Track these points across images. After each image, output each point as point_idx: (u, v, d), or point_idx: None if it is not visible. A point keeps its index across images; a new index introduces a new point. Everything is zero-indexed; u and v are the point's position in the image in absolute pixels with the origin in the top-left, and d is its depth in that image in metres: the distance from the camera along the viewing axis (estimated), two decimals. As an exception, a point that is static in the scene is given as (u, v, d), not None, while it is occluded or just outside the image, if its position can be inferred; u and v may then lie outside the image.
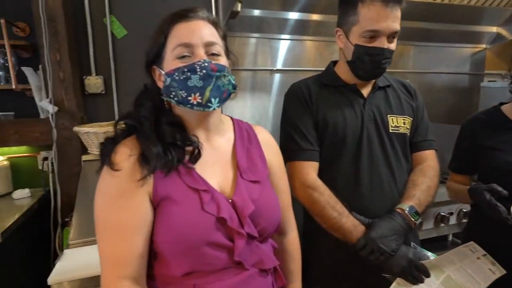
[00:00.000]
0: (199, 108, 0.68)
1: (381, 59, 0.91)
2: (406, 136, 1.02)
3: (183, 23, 0.68)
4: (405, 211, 0.89)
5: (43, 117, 1.69)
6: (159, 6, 1.90)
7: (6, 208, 1.52)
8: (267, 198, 0.75)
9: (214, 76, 0.67)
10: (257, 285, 0.72)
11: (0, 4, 1.62)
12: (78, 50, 1.80)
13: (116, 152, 0.67)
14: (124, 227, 0.64)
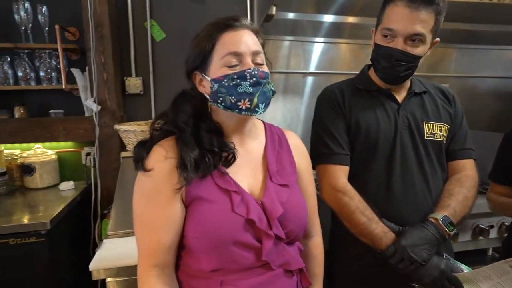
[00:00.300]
0: (247, 112, 0.70)
1: (394, 60, 0.89)
2: (442, 144, 0.98)
3: (231, 32, 0.70)
4: (439, 221, 0.86)
5: (88, 115, 1.81)
6: (197, 10, 1.97)
7: (53, 198, 1.65)
8: (295, 201, 0.76)
9: (262, 83, 0.70)
10: (283, 284, 0.73)
11: (55, 11, 1.75)
12: (120, 53, 1.91)
13: (152, 152, 0.71)
14: (155, 222, 0.69)
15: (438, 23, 0.89)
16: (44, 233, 1.31)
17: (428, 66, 2.34)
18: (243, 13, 2.03)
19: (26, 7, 1.67)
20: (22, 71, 1.73)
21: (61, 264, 1.43)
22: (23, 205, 1.56)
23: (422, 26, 0.86)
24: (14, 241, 1.27)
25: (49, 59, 1.76)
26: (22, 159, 1.78)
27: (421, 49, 0.89)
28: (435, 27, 0.89)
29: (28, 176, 1.76)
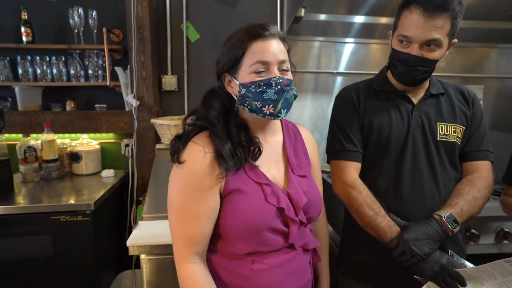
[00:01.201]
0: (271, 117, 0.77)
1: (410, 65, 0.91)
2: (455, 145, 0.99)
3: (260, 41, 0.75)
4: (443, 218, 0.88)
5: (127, 110, 1.98)
6: (230, 13, 2.07)
7: (96, 183, 1.83)
8: (313, 191, 0.86)
9: (285, 90, 0.76)
10: (301, 261, 0.84)
11: (103, 15, 1.94)
12: (158, 52, 2.06)
13: (191, 149, 0.77)
14: (199, 213, 0.76)
15: (454, 26, 0.90)
16: (89, 213, 1.48)
17: (465, 66, 2.27)
18: (273, 15, 2.10)
19: (79, 12, 1.86)
20: (74, 69, 1.93)
21: (102, 241, 1.61)
22: (71, 188, 1.75)
23: (438, 32, 0.87)
24: (64, 218, 1.45)
25: (96, 59, 1.95)
26: (71, 147, 1.98)
27: (437, 53, 0.91)
28: (452, 31, 0.90)
29: (76, 163, 1.96)
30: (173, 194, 0.78)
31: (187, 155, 0.77)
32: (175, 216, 0.78)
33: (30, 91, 1.95)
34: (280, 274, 0.79)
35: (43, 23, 1.94)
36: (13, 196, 1.58)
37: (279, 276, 0.79)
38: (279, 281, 0.79)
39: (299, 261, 0.84)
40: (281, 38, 0.79)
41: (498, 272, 0.83)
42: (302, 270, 0.85)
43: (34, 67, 1.93)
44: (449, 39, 0.91)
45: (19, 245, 1.46)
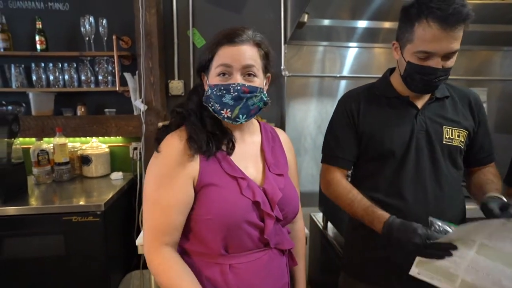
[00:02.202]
0: (229, 121, 0.81)
1: (433, 78, 0.91)
2: (459, 149, 1.01)
3: (228, 46, 0.78)
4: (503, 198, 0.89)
5: (136, 114, 2.03)
6: (234, 19, 2.12)
7: (106, 186, 1.89)
8: (289, 188, 0.88)
9: (244, 98, 0.78)
10: (277, 264, 0.85)
11: (112, 23, 2.01)
12: (165, 58, 2.12)
13: (166, 139, 0.80)
14: (170, 202, 0.75)
15: (463, 31, 0.88)
16: (99, 213, 1.54)
17: (469, 69, 2.28)
18: (277, 21, 2.15)
19: (90, 21, 1.94)
20: (84, 75, 2.01)
21: (112, 241, 1.66)
22: (81, 190, 1.81)
23: (457, 42, 0.87)
24: (76, 218, 1.51)
25: (106, 65, 2.02)
26: (81, 151, 2.05)
27: (453, 60, 0.91)
28: (461, 37, 0.88)
29: (86, 166, 2.03)
30: (146, 183, 0.79)
31: (164, 145, 0.79)
32: (147, 206, 0.78)
33: (43, 97, 2.02)
34: (257, 278, 0.80)
35: (56, 32, 2.02)
36: (27, 198, 1.65)
37: (255, 280, 0.80)
38: (256, 285, 0.80)
39: (276, 263, 0.85)
40: (255, 43, 0.80)
41: (486, 227, 0.78)
42: (278, 273, 0.86)
43: (47, 73, 2.01)
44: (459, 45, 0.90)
45: (33, 244, 1.52)
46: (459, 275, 0.81)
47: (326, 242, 1.79)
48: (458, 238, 0.80)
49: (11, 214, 1.49)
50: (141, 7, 1.88)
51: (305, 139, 2.30)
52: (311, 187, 2.22)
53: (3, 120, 1.56)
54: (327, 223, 1.87)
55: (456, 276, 0.81)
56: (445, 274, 0.82)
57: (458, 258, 0.80)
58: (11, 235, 1.51)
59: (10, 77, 2.00)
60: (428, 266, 0.83)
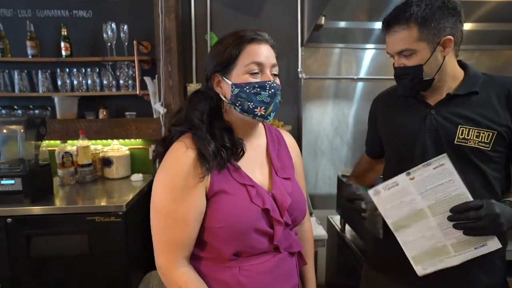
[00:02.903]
0: (261, 119, 0.79)
1: (396, 76, 1.00)
2: (477, 150, 0.92)
3: (255, 44, 0.78)
4: None
5: (155, 117, 2.08)
6: (252, 23, 2.15)
7: (126, 187, 1.94)
8: (297, 192, 0.87)
9: (277, 95, 0.80)
10: (287, 266, 0.85)
11: (133, 28, 2.07)
12: (184, 62, 2.16)
13: (173, 149, 0.77)
14: (187, 216, 0.74)
15: (428, 28, 0.89)
16: (121, 214, 1.58)
17: (490, 69, 2.22)
18: (294, 23, 2.16)
19: (112, 27, 2.01)
20: (106, 80, 2.07)
21: (133, 241, 1.70)
22: (103, 191, 1.87)
23: (403, 43, 0.93)
24: (99, 219, 1.56)
25: (127, 69, 2.07)
26: (103, 153, 2.11)
27: (417, 59, 0.93)
28: (424, 35, 0.90)
29: (107, 168, 2.09)
30: (158, 197, 0.76)
31: (171, 156, 0.77)
32: (160, 220, 0.76)
33: (68, 101, 2.10)
34: (267, 280, 0.80)
35: (80, 38, 2.10)
36: (53, 198, 1.71)
37: (266, 281, 0.79)
38: (266, 285, 0.79)
39: (286, 265, 0.84)
40: (271, 45, 0.82)
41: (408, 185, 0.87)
42: (288, 274, 0.85)
43: (72, 78, 2.08)
44: (429, 41, 0.90)
45: (59, 243, 1.58)
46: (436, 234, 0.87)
47: (344, 245, 1.78)
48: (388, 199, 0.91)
49: (38, 213, 1.56)
50: (161, 12, 1.93)
51: (322, 141, 2.29)
52: (329, 189, 2.21)
53: (31, 124, 1.64)
54: (345, 226, 1.85)
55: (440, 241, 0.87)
56: (437, 251, 0.88)
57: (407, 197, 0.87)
58: (38, 234, 1.57)
59: (37, 82, 2.09)
60: (423, 257, 0.89)
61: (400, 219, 0.89)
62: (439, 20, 0.90)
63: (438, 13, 0.90)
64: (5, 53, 2.02)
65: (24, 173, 1.57)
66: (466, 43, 2.09)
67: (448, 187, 0.84)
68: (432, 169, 0.84)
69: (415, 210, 0.87)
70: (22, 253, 1.56)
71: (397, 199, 0.88)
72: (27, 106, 2.13)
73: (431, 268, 0.88)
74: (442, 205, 0.85)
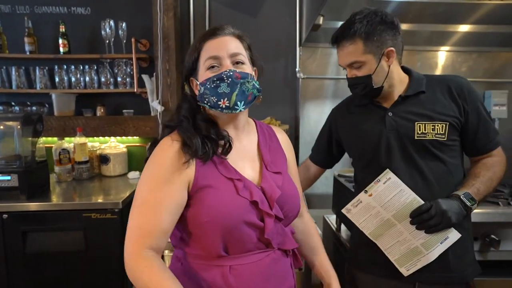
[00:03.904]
0: (228, 110, 0.79)
1: (349, 86, 1.09)
2: (435, 142, 1.01)
3: (212, 40, 0.79)
4: (460, 196, 0.96)
5: (153, 115, 2.08)
6: (251, 22, 2.15)
7: (123, 184, 1.94)
8: (288, 186, 0.87)
9: (238, 83, 0.78)
10: (281, 266, 0.84)
11: (131, 26, 2.07)
12: (182, 60, 2.16)
13: (161, 144, 0.78)
14: (160, 204, 0.72)
15: (371, 42, 0.99)
16: (117, 211, 1.58)
17: (488, 71, 2.23)
18: (292, 23, 2.16)
19: (110, 24, 2.00)
20: (104, 77, 2.07)
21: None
22: (100, 188, 1.87)
23: (350, 56, 1.02)
24: (95, 215, 1.56)
25: (125, 67, 2.08)
26: (100, 150, 2.11)
27: (366, 69, 1.02)
28: (369, 48, 1.00)
29: (104, 165, 2.09)
30: (139, 186, 0.76)
31: (157, 149, 0.78)
32: (134, 207, 0.74)
33: (65, 98, 2.10)
34: (258, 281, 0.78)
35: (78, 35, 2.10)
36: (50, 194, 1.72)
37: (257, 282, 0.78)
38: (257, 287, 0.78)
39: (280, 265, 0.83)
40: (236, 36, 0.82)
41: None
42: (283, 275, 0.84)
43: (69, 75, 2.08)
44: (375, 53, 1.00)
45: (55, 239, 1.58)
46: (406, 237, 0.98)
47: (339, 244, 1.78)
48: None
49: (35, 209, 1.56)
50: (159, 10, 1.93)
51: (319, 141, 2.30)
52: (325, 189, 2.22)
53: (28, 120, 1.64)
54: (341, 225, 1.86)
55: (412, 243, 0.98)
56: (412, 252, 0.98)
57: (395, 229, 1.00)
58: (34, 230, 1.57)
59: (34, 78, 2.09)
60: (403, 259, 0.99)
61: (374, 230, 1.02)
62: (380, 34, 1.00)
63: (379, 28, 1.00)
64: (3, 49, 2.02)
65: (20, 169, 1.58)
66: (464, 45, 2.15)
67: (400, 196, 0.97)
68: (382, 184, 0.98)
69: (383, 221, 1.00)
70: (18, 249, 1.56)
71: (365, 213, 1.02)
72: (24, 102, 2.13)
73: (413, 269, 0.99)
74: (402, 212, 0.97)
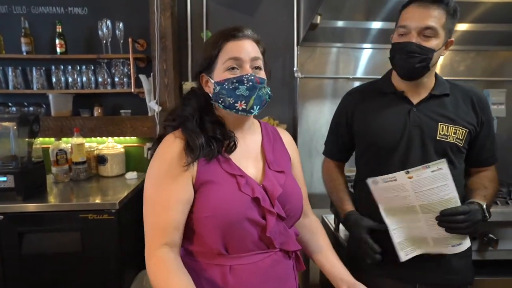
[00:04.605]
0: (243, 113, 0.80)
1: (406, 52, 0.95)
2: (454, 146, 1.01)
3: (234, 41, 0.80)
4: (483, 206, 0.96)
5: (150, 115, 2.07)
6: (248, 21, 2.14)
7: (120, 185, 1.93)
8: (291, 184, 0.87)
9: (258, 88, 0.79)
10: (283, 268, 0.84)
11: (128, 26, 2.06)
12: (179, 60, 2.16)
13: (164, 142, 0.80)
14: (169, 202, 0.75)
15: (450, 23, 0.95)
16: (114, 211, 1.58)
17: (487, 70, 2.23)
18: (290, 23, 2.15)
19: (107, 24, 2.00)
20: (101, 77, 2.06)
21: (126, 238, 1.70)
22: (97, 189, 1.86)
23: (433, 21, 0.93)
24: (92, 216, 1.55)
25: (122, 67, 2.07)
26: (97, 151, 2.10)
27: (434, 43, 0.94)
28: (447, 26, 0.94)
29: (102, 166, 2.08)
30: (145, 185, 0.79)
31: (160, 146, 0.80)
32: (145, 207, 0.78)
33: (62, 98, 2.09)
34: (258, 282, 0.78)
35: (75, 35, 2.09)
36: (46, 195, 1.71)
37: (256, 283, 0.78)
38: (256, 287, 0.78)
39: (282, 267, 0.83)
40: (254, 40, 0.83)
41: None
42: (284, 277, 0.84)
43: (66, 75, 2.07)
44: (446, 33, 0.95)
45: (51, 240, 1.57)
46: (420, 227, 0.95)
47: (338, 244, 1.78)
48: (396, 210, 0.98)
49: (31, 211, 1.55)
50: (156, 10, 1.92)
51: (317, 141, 2.29)
52: (323, 189, 2.21)
53: (24, 121, 1.63)
54: (339, 225, 1.85)
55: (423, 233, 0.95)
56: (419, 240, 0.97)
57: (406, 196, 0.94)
58: (31, 231, 1.56)
59: (31, 79, 2.08)
60: (406, 244, 0.98)
61: (391, 208, 0.98)
62: (455, 20, 0.96)
63: (457, 14, 0.96)
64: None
65: (16, 170, 1.57)
66: (461, 44, 2.14)
67: (442, 190, 0.90)
68: (430, 172, 0.90)
69: (406, 206, 0.95)
70: (14, 250, 1.55)
71: (392, 192, 0.95)
72: (21, 103, 2.12)
73: (411, 254, 0.98)
74: (433, 206, 0.92)
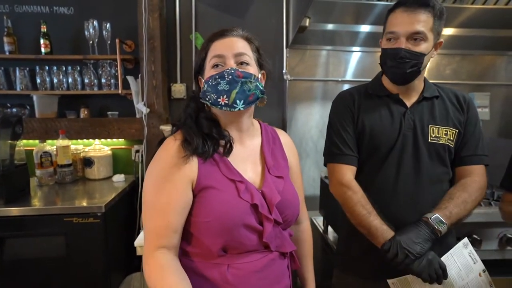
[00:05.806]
0: (226, 108, 0.79)
1: (398, 58, 0.95)
2: (446, 147, 1.02)
3: (219, 40, 0.81)
4: (429, 219, 0.92)
5: (138, 117, 2.05)
6: (237, 24, 2.08)
7: (107, 187, 1.90)
8: (289, 191, 0.87)
9: (239, 82, 0.78)
10: (278, 267, 0.85)
11: (116, 27, 2.03)
12: (168, 62, 2.14)
13: (163, 144, 0.81)
14: (167, 207, 0.75)
15: (437, 25, 0.96)
16: (99, 215, 1.55)
17: (472, 74, 2.27)
18: (279, 25, 2.16)
19: (94, 24, 1.97)
20: (88, 78, 2.03)
21: (112, 242, 1.67)
22: (83, 192, 1.83)
23: (421, 25, 0.93)
24: (77, 220, 1.52)
25: (109, 68, 2.04)
26: (84, 153, 2.06)
27: (423, 47, 0.95)
28: (435, 28, 0.96)
29: (88, 168, 2.04)
30: (144, 188, 0.79)
31: (160, 149, 0.80)
32: (144, 210, 0.78)
33: (47, 99, 2.04)
34: (255, 280, 0.79)
35: (60, 35, 2.05)
36: (30, 199, 1.66)
37: (254, 280, 0.79)
38: (254, 285, 0.79)
39: (277, 266, 0.84)
40: (244, 38, 0.83)
41: (463, 267, 0.92)
42: (279, 276, 0.85)
43: (51, 76, 2.03)
44: (434, 36, 0.96)
45: (34, 245, 1.53)
46: None
47: (326, 246, 1.78)
48: None
49: (13, 215, 1.51)
50: (144, 11, 1.90)
51: (307, 143, 2.30)
52: (313, 190, 2.22)
53: (6, 122, 1.58)
54: (328, 227, 1.86)
55: None
56: None
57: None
58: (13, 236, 1.52)
59: (15, 79, 2.03)
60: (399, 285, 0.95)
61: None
62: (442, 22, 0.97)
63: (443, 16, 0.97)
64: (-19, 49, 1.96)
65: (-2, 173, 1.52)
66: (447, 48, 2.17)
67: None
68: None
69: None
70: (-5, 255, 1.51)
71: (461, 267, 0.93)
72: (4, 104, 2.07)
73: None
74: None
